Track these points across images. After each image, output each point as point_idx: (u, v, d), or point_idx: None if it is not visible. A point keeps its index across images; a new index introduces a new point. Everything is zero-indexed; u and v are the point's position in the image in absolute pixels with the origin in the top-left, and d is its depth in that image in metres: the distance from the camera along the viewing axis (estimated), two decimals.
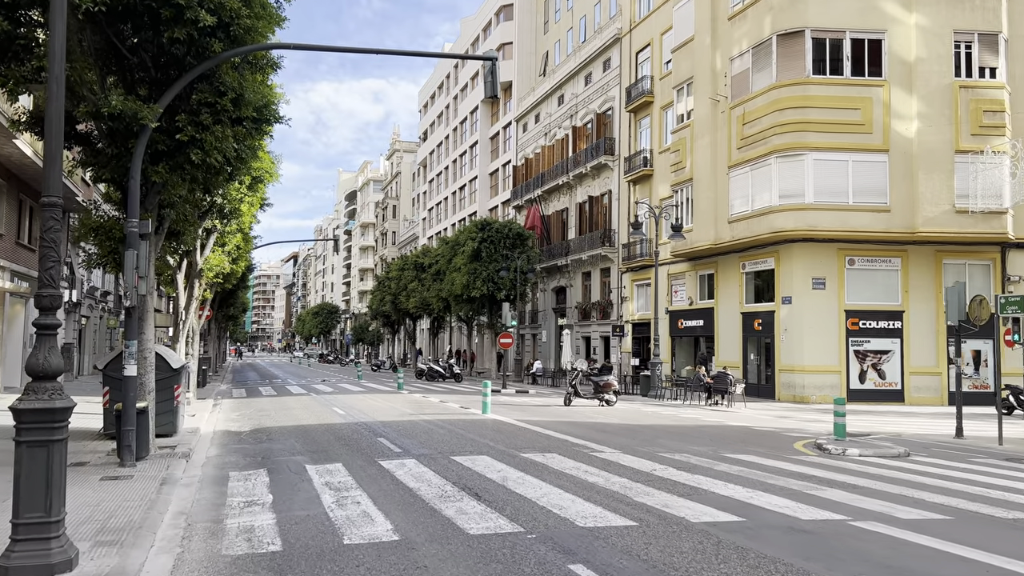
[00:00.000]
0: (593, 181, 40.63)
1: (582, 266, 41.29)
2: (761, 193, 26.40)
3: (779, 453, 11.94)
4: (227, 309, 48.34)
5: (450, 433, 13.76)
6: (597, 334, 39.52)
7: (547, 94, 47.14)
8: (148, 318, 12.07)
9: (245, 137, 12.29)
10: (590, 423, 15.96)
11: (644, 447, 12.13)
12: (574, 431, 14.33)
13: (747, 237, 26.81)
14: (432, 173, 74.02)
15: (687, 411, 20.32)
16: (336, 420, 16.52)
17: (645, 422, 16.57)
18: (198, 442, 13.44)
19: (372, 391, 27.35)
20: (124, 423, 10.36)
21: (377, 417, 16.92)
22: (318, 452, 11.70)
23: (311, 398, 23.88)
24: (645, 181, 35.47)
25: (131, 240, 10.49)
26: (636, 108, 36.28)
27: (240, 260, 24.33)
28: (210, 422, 17.00)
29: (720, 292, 29.86)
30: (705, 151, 29.12)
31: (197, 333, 24.64)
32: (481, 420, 16.08)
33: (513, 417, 16.69)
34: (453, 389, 29.50)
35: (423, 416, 16.99)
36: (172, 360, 13.84)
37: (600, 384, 20.21)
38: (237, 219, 18.47)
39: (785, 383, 26.17)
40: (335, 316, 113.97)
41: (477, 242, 39.74)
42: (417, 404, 20.61)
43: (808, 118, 25.37)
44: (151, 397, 12.06)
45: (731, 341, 28.98)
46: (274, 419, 17.06)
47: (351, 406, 20.18)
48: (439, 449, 11.70)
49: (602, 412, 18.90)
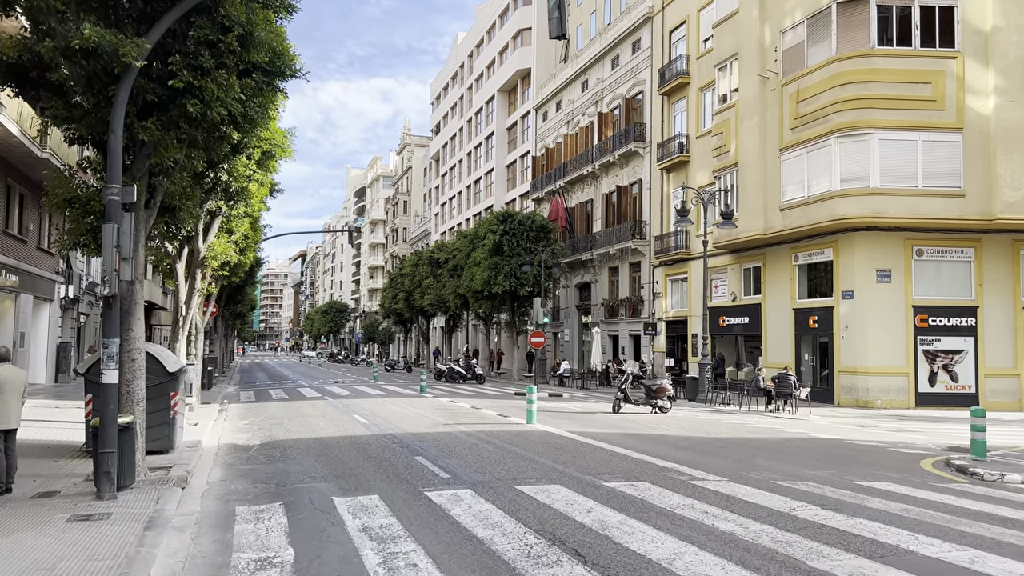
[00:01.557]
0: (621, 170, 38.26)
1: (609, 260, 38.94)
2: (819, 177, 24.00)
3: (919, 479, 9.61)
4: (234, 306, 46.18)
5: (500, 450, 11.46)
6: (626, 332, 37.17)
7: (569, 80, 44.79)
8: (135, 311, 9.82)
9: (254, 93, 10.04)
10: (657, 436, 13.64)
11: (750, 471, 9.80)
12: (647, 447, 12.01)
13: (802, 226, 24.42)
14: (445, 167, 71.75)
15: (752, 419, 17.98)
16: (359, 431, 14.25)
17: (720, 434, 14.24)
18: (199, 460, 11.20)
19: (392, 394, 25.09)
20: (101, 443, 8.12)
21: (407, 427, 14.64)
22: (346, 477, 9.43)
23: (326, 403, 21.64)
24: (680, 168, 33.09)
25: (111, 211, 8.24)
26: (670, 91, 33.89)
27: (248, 251, 22.11)
28: (214, 432, 14.76)
29: (768, 287, 27.47)
30: (752, 133, 26.73)
31: (201, 331, 22.43)
32: (529, 432, 13.78)
33: (565, 428, 14.39)
34: (480, 392, 27.21)
35: (459, 426, 14.71)
36: (168, 362, 11.60)
37: (653, 388, 17.91)
38: (245, 202, 16.24)
39: (846, 386, 23.78)
40: (344, 315, 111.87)
41: (498, 235, 37.46)
42: (448, 411, 18.33)
43: (873, 93, 22.97)
44: (139, 408, 9.81)
45: (781, 340, 26.59)
46: (288, 429, 14.81)
47: (373, 413, 17.92)
48: (496, 474, 9.41)
49: (661, 421, 16.58)
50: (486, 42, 61.11)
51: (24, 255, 23.91)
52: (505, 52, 56.40)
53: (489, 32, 60.40)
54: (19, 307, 24.19)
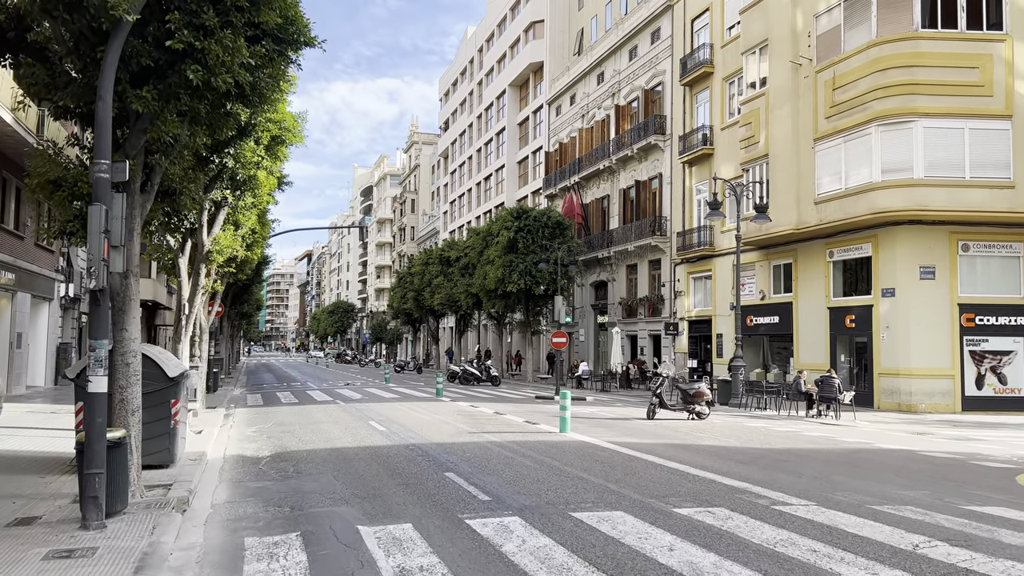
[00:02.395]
0: (640, 164, 36.97)
1: (627, 258, 37.65)
2: (858, 168, 22.70)
3: None
4: (240, 306, 45.07)
5: (539, 465, 10.21)
6: (645, 332, 35.88)
7: (584, 72, 43.51)
8: (130, 308, 8.62)
9: (264, 63, 8.81)
10: (707, 447, 12.36)
11: (834, 492, 8.52)
12: (704, 461, 10.74)
13: (839, 220, 23.11)
14: (454, 164, 70.54)
15: (799, 426, 16.69)
16: (379, 441, 13.02)
17: (774, 444, 12.95)
18: (202, 476, 9.99)
19: (407, 398, 23.85)
20: (87, 463, 6.91)
21: (429, 436, 13.41)
22: (370, 499, 8.20)
23: (339, 407, 20.43)
24: (704, 162, 31.79)
25: (99, 190, 7.03)
26: (692, 81, 32.59)
27: (256, 247, 20.93)
28: (220, 441, 13.57)
29: (800, 284, 26.16)
30: (784, 123, 25.43)
31: (206, 331, 21.24)
32: (565, 443, 12.52)
33: (603, 438, 13.12)
34: (498, 395, 25.94)
35: (487, 436, 13.47)
36: (168, 366, 10.39)
37: (690, 393, 16.63)
38: (252, 192, 15.03)
39: (887, 389, 22.46)
40: (351, 315, 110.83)
41: (513, 232, 36.22)
42: (470, 417, 17.08)
43: (917, 79, 21.65)
44: (135, 419, 8.60)
45: (814, 340, 25.28)
46: (300, 438, 13.60)
47: (391, 419, 16.69)
48: (544, 496, 8.17)
49: (703, 429, 15.29)
50: (496, 36, 59.88)
51: (21, 252, 22.77)
52: (516, 46, 55.16)
53: (500, 26, 59.16)
54: (16, 306, 23.06)
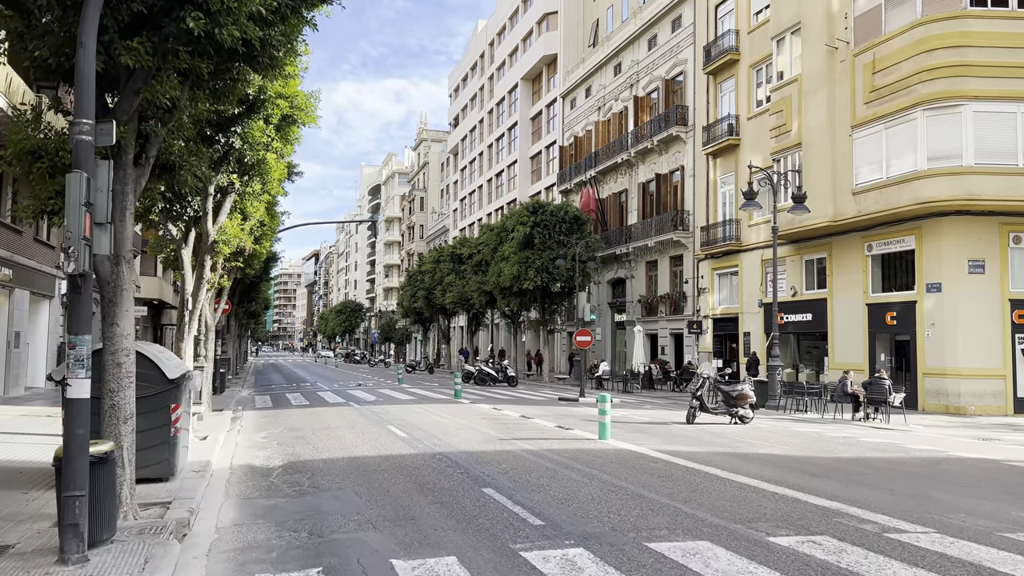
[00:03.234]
0: (660, 157, 35.69)
1: (646, 254, 36.37)
2: (901, 156, 21.39)
3: None
4: (248, 304, 43.98)
5: (589, 479, 8.98)
6: (666, 331, 34.60)
7: (600, 64, 42.25)
8: (122, 300, 7.45)
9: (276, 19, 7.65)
10: (767, 456, 11.09)
11: (943, 514, 7.24)
12: (771, 474, 9.48)
13: (880, 211, 21.81)
14: (464, 160, 69.36)
15: (851, 430, 15.43)
16: (401, 448, 11.83)
17: (840, 453, 11.67)
18: (206, 492, 8.82)
19: (424, 400, 22.65)
20: (65, 484, 5.73)
21: (456, 444, 12.20)
22: (401, 522, 7.00)
23: (353, 410, 19.26)
24: (729, 153, 30.50)
25: (80, 155, 5.85)
26: (716, 69, 31.30)
27: (264, 240, 19.77)
28: (227, 449, 12.40)
29: (835, 280, 24.86)
30: (819, 110, 24.13)
31: (212, 329, 20.10)
32: (609, 451, 11.27)
33: (648, 446, 11.88)
34: (518, 396, 24.70)
35: (519, 443, 12.24)
36: (167, 367, 9.22)
37: (733, 395, 15.37)
38: (261, 177, 13.86)
39: (932, 390, 21.15)
40: (359, 314, 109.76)
41: (529, 227, 34.99)
42: (495, 421, 15.86)
43: (966, 60, 20.33)
44: (127, 428, 7.43)
45: (851, 339, 23.97)
46: (313, 445, 12.42)
47: (410, 423, 15.49)
48: (605, 519, 6.94)
49: (752, 435, 14.03)
50: (508, 29, 58.66)
51: (19, 246, 21.69)
52: (529, 38, 53.94)
53: (511, 18, 57.92)
54: (14, 303, 21.99)
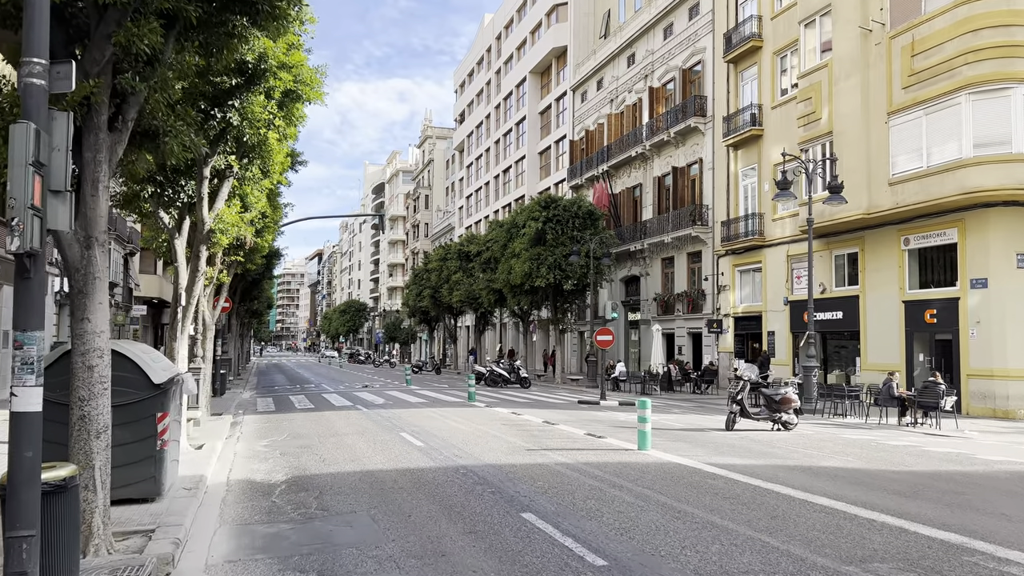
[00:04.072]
0: (677, 149, 34.39)
1: (662, 251, 35.08)
2: (943, 143, 20.09)
3: None
4: (250, 303, 42.74)
5: (644, 501, 7.70)
6: (684, 330, 33.30)
7: (612, 55, 40.96)
8: (94, 290, 6.22)
9: None
10: (836, 471, 9.75)
11: None
12: (853, 494, 8.15)
13: (919, 202, 20.52)
14: (470, 157, 68.09)
15: (905, 436, 14.14)
16: (419, 460, 10.57)
17: (912, 465, 10.33)
18: (197, 515, 7.59)
19: (436, 403, 21.38)
20: (10, 522, 4.47)
21: (480, 455, 10.94)
22: (430, 559, 5.75)
23: (361, 414, 18.01)
24: (751, 144, 29.19)
25: (29, 101, 4.60)
26: (737, 57, 30.01)
27: (266, 232, 18.53)
28: (224, 460, 11.17)
29: (868, 276, 23.56)
30: (851, 96, 22.84)
31: (211, 328, 18.87)
32: (655, 466, 9.96)
33: (696, 458, 10.59)
34: (534, 399, 23.40)
35: (551, 454, 10.96)
36: (153, 369, 7.98)
37: (776, 399, 14.10)
38: (262, 159, 12.61)
39: (977, 393, 19.85)
40: (363, 314, 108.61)
41: (541, 222, 33.73)
42: (518, 428, 14.57)
43: (1016, 40, 19.03)
44: (101, 443, 6.19)
45: (886, 338, 22.67)
46: (320, 456, 11.18)
47: (425, 430, 14.22)
48: (682, 558, 5.66)
49: (803, 443, 12.74)
50: (516, 22, 57.39)
51: (3, 240, 20.48)
52: (538, 31, 52.67)
53: (519, 11, 56.65)
54: (1, 301, 20.80)
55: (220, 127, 10.80)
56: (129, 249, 38.68)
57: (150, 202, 11.49)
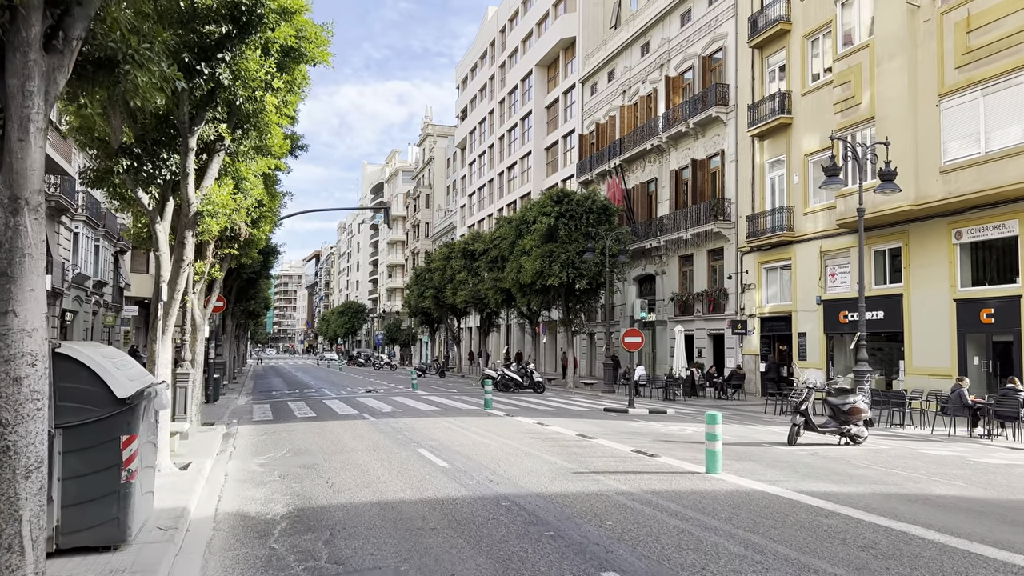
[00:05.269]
0: (696, 141, 32.66)
1: (680, 248, 33.35)
2: (1005, 126, 18.39)
3: None
4: (246, 303, 40.88)
5: (761, 554, 5.86)
6: (704, 331, 31.57)
7: (625, 45, 39.25)
8: (22, 272, 4.49)
9: None
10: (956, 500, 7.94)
11: None
12: (1008, 537, 6.47)
13: (976, 191, 18.82)
14: (473, 154, 66.33)
15: (997, 452, 12.40)
16: (448, 487, 8.77)
17: None
18: (172, 570, 5.79)
19: (449, 411, 19.55)
20: None
21: (520, 479, 9.14)
22: None
23: (369, 424, 16.23)
24: (779, 133, 27.46)
25: None
26: (763, 42, 28.30)
27: (263, 223, 16.73)
28: (213, 484, 9.39)
29: (913, 272, 21.84)
30: (896, 78, 21.13)
31: (203, 328, 17.07)
32: (740, 495, 8.11)
33: (781, 484, 8.74)
34: (556, 407, 21.56)
35: (603, 479, 9.14)
36: (116, 380, 6.19)
37: (844, 410, 12.37)
38: (259, 131, 10.84)
39: None
40: (361, 315, 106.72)
41: (553, 218, 31.95)
42: (551, 442, 12.73)
43: None
44: (31, 485, 4.45)
45: (934, 339, 20.95)
46: (328, 480, 9.41)
47: (446, 445, 12.41)
48: None
49: (886, 462, 10.94)
50: (521, 14, 55.66)
51: None
52: (544, 22, 50.96)
53: (525, 2, 54.90)
54: None
55: (208, 87, 9.02)
56: (119, 247, 36.85)
57: (125, 178, 9.70)
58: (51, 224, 26.09)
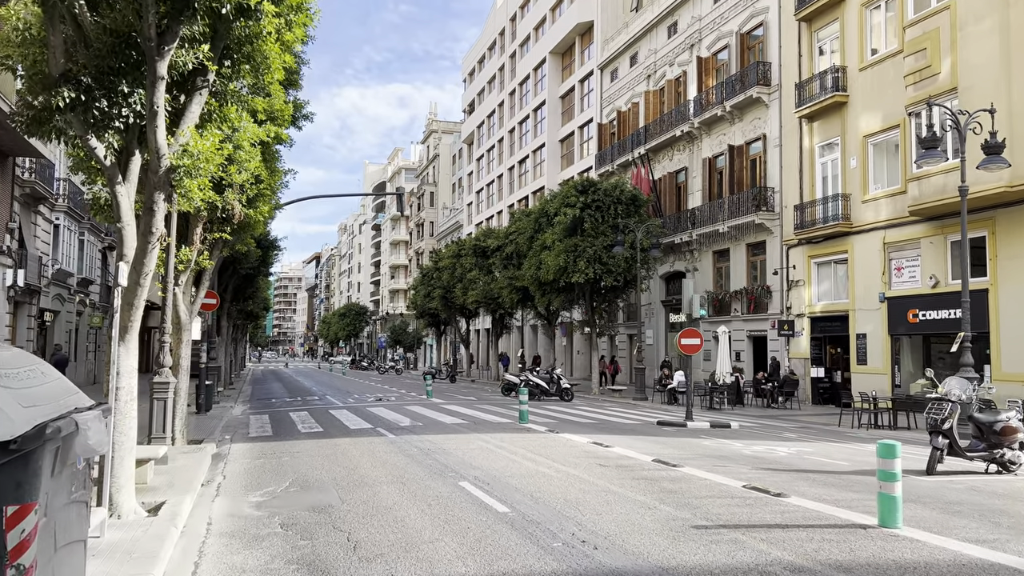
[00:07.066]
0: (732, 126, 30.04)
1: (715, 242, 30.73)
2: None
3: None
4: (244, 303, 38.18)
5: None
6: (743, 332, 28.91)
7: (649, 26, 36.67)
8: None
9: None
10: None
11: None
12: None
13: None
14: (480, 149, 63.70)
15: None
16: (530, 558, 5.99)
17: None
18: None
19: (478, 424, 16.80)
20: None
21: (626, 542, 6.39)
22: None
23: (388, 443, 13.56)
24: (832, 113, 24.80)
25: None
26: (813, 14, 25.69)
27: (260, 202, 14.06)
28: (190, 540, 6.77)
29: (1001, 265, 19.23)
30: (984, 42, 18.53)
31: (189, 328, 14.38)
32: (952, 568, 5.55)
33: (991, 546, 6.14)
34: (597, 419, 18.82)
35: (744, 538, 6.41)
36: (4, 405, 3.50)
37: (995, 430, 9.76)
38: (253, 66, 8.21)
39: None
40: (363, 317, 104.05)
41: (578, 209, 29.34)
42: (628, 473, 9.97)
43: None
44: None
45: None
46: (348, 535, 6.79)
47: (495, 477, 9.66)
48: None
49: None
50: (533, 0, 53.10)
51: None
52: (559, 7, 48.40)
53: None
54: None
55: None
56: (108, 242, 34.21)
57: (72, 119, 7.04)
58: (26, 213, 23.46)
